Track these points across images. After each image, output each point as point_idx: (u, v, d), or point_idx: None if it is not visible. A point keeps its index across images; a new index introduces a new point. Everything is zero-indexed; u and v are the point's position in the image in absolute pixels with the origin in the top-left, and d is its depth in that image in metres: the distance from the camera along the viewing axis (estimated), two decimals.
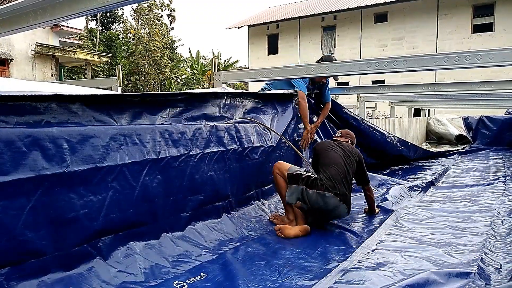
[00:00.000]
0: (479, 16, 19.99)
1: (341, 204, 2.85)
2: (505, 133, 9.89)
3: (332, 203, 2.82)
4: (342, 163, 2.98)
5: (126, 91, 20.90)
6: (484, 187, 4.53)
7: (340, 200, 2.84)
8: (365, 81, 20.79)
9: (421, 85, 6.83)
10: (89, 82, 8.00)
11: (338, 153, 3.05)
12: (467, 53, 2.57)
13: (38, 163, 1.65)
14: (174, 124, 2.45)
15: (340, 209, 2.88)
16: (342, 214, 2.94)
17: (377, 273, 2.05)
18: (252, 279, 1.98)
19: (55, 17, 2.18)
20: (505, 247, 2.46)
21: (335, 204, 2.83)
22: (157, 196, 2.24)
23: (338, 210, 2.88)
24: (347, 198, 2.91)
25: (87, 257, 1.84)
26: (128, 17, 29.83)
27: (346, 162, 3.01)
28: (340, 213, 2.92)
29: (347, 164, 3.01)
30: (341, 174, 2.92)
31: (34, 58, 13.16)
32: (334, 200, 2.82)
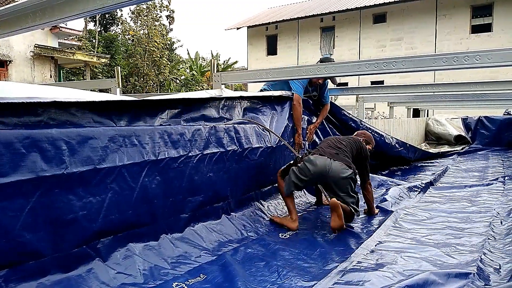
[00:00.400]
0: (478, 16, 20.02)
1: (332, 161, 2.84)
2: (503, 133, 9.91)
3: (320, 162, 2.85)
4: (335, 141, 3.10)
5: (125, 92, 20.90)
6: (483, 187, 4.53)
7: (329, 158, 2.84)
8: (364, 82, 20.80)
9: (420, 85, 6.84)
10: (88, 84, 8.00)
11: (333, 139, 3.17)
12: (466, 54, 2.57)
13: (37, 165, 1.65)
14: (173, 125, 2.45)
15: (333, 166, 2.82)
16: (340, 170, 2.83)
17: (376, 274, 2.05)
18: (251, 280, 1.97)
19: (54, 18, 2.18)
20: (504, 247, 2.46)
21: (323, 163, 2.84)
22: (156, 197, 2.24)
23: (333, 169, 2.82)
24: (339, 157, 2.89)
25: (86, 259, 1.84)
26: (127, 19, 29.81)
27: (341, 143, 3.10)
28: (338, 171, 2.82)
29: (343, 144, 3.08)
30: (331, 145, 3.02)
31: (33, 60, 13.15)
32: (320, 159, 2.85)
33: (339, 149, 2.99)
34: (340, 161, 2.87)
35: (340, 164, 2.85)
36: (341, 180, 2.85)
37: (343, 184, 2.86)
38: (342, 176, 2.84)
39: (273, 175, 3.46)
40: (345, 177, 2.84)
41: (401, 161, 6.19)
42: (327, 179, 2.88)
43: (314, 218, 3.21)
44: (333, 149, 2.99)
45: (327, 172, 2.84)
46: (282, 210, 3.31)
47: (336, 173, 2.83)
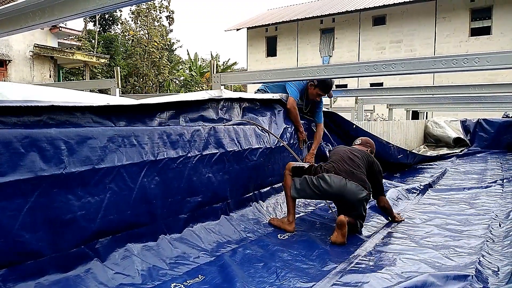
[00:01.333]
0: (477, 19, 20.07)
1: (347, 181, 2.71)
2: (502, 136, 9.94)
3: (335, 183, 2.72)
4: (348, 155, 2.96)
5: (124, 93, 20.88)
6: (482, 189, 4.54)
7: (344, 178, 2.72)
8: (364, 84, 20.84)
9: (419, 88, 6.85)
10: (88, 84, 7.99)
11: (346, 152, 3.02)
12: (465, 56, 2.58)
13: (36, 164, 1.65)
14: (172, 125, 2.45)
15: (349, 188, 2.71)
16: (356, 192, 2.72)
17: (375, 276, 2.05)
18: (250, 281, 1.97)
19: (53, 18, 2.18)
20: (502, 250, 2.46)
21: (339, 183, 2.71)
22: (155, 198, 2.24)
23: (348, 191, 2.71)
24: (356, 176, 2.76)
25: (85, 259, 1.83)
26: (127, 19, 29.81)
27: (355, 157, 2.96)
28: (353, 191, 2.71)
29: (357, 158, 2.95)
30: (346, 160, 2.88)
31: (32, 59, 13.14)
32: (336, 178, 2.73)
33: (354, 166, 2.86)
34: (356, 182, 2.75)
35: (356, 185, 2.73)
36: (356, 202, 2.76)
37: (358, 205, 2.77)
38: (358, 198, 2.74)
39: (272, 176, 3.47)
40: (360, 199, 2.75)
41: (400, 166, 6.20)
42: (342, 199, 2.81)
43: (313, 219, 3.21)
44: (348, 165, 2.85)
45: (342, 193, 2.75)
46: (281, 211, 3.31)
47: (351, 195, 2.73)
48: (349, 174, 2.78)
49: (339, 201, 2.87)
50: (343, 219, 2.61)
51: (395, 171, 5.93)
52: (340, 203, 2.91)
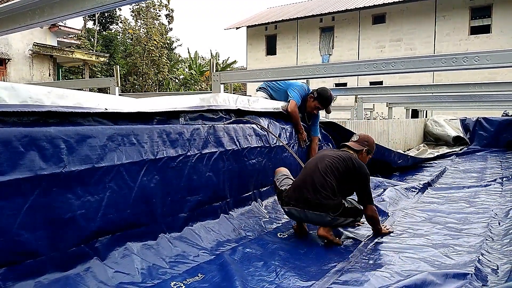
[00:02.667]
0: (477, 18, 20.05)
1: (306, 211, 2.58)
2: (502, 134, 9.94)
3: (295, 214, 2.69)
4: (313, 172, 2.66)
5: (124, 91, 20.89)
6: (481, 188, 4.54)
7: (302, 208, 2.60)
8: (363, 82, 20.83)
9: (419, 86, 6.85)
10: (87, 82, 7.99)
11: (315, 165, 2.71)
12: (465, 55, 2.58)
13: (35, 163, 1.65)
14: (172, 124, 2.45)
15: (310, 217, 2.60)
16: (318, 220, 2.59)
17: (374, 274, 2.05)
18: (249, 279, 1.97)
19: (53, 16, 2.18)
20: (502, 248, 2.46)
21: (299, 215, 2.67)
22: (155, 197, 2.24)
23: (310, 219, 2.62)
24: (312, 203, 2.55)
25: (84, 258, 1.83)
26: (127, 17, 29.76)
27: (323, 170, 2.62)
28: (316, 220, 2.60)
29: (324, 171, 2.62)
30: (307, 180, 2.64)
31: (31, 58, 13.13)
32: (294, 210, 2.66)
33: (313, 186, 2.58)
34: (314, 210, 2.56)
35: (316, 214, 2.56)
36: (327, 224, 2.59)
37: (331, 224, 2.61)
38: (324, 222, 2.58)
39: (272, 175, 3.46)
40: (326, 222, 2.58)
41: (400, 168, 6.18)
42: (310, 222, 2.72)
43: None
44: (306, 188, 2.61)
45: (308, 221, 2.69)
46: (280, 209, 3.31)
47: (316, 222, 2.64)
48: (305, 202, 2.58)
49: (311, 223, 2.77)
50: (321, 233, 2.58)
51: (394, 170, 5.93)
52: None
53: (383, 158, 5.36)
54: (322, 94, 3.94)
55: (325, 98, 3.96)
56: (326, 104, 4.02)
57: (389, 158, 5.57)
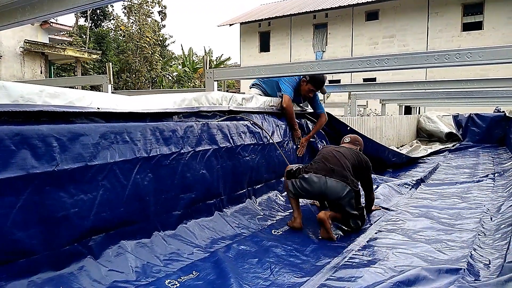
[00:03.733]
0: (469, 14, 20.18)
1: (327, 179, 2.68)
2: (494, 130, 10.03)
3: (315, 180, 2.70)
4: (331, 153, 2.89)
5: (116, 89, 20.74)
6: (474, 184, 4.58)
7: (323, 176, 2.69)
8: (357, 79, 20.88)
9: (412, 83, 6.88)
10: (79, 80, 7.93)
11: (330, 151, 2.94)
12: (457, 51, 2.59)
13: (28, 162, 1.63)
14: (165, 122, 2.43)
15: (329, 184, 2.66)
16: (337, 188, 2.66)
17: (368, 270, 2.06)
18: (244, 277, 1.98)
19: (43, 13, 2.16)
20: (493, 243, 2.49)
21: (318, 182, 2.69)
22: (148, 195, 2.23)
23: (329, 187, 2.66)
24: (337, 173, 2.71)
25: (78, 256, 1.82)
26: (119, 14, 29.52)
27: (339, 153, 2.88)
28: (334, 188, 2.66)
29: (340, 154, 2.88)
30: (328, 158, 2.82)
31: (23, 55, 12.98)
32: (315, 177, 2.71)
33: (336, 164, 2.79)
34: (337, 178, 2.69)
35: (337, 182, 2.68)
36: (341, 199, 2.69)
37: (343, 203, 2.70)
38: (340, 195, 2.68)
39: (266, 172, 3.47)
40: (343, 195, 2.67)
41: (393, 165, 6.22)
42: (325, 198, 2.81)
43: (307, 214, 3.22)
44: (329, 163, 2.79)
45: (324, 191, 2.71)
46: (275, 207, 3.32)
47: (333, 193, 2.69)
48: (328, 171, 2.71)
49: (325, 200, 2.89)
50: (321, 216, 2.61)
51: (388, 167, 5.96)
52: (328, 202, 2.90)
53: (378, 155, 5.38)
54: (314, 76, 3.91)
55: (317, 79, 3.94)
56: (319, 85, 4.01)
57: (383, 155, 5.60)
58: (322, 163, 2.82)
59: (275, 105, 3.86)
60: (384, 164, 5.68)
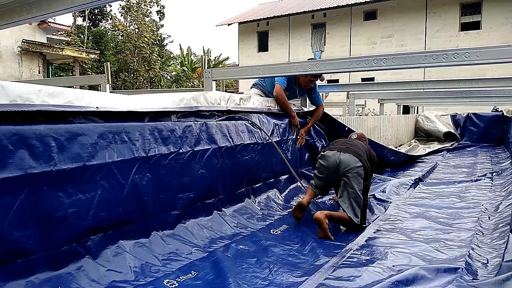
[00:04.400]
0: (467, 14, 20.20)
1: (341, 153, 2.93)
2: (492, 130, 10.05)
3: (330, 155, 2.96)
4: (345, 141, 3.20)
5: (115, 88, 20.71)
6: (472, 183, 4.59)
7: (338, 151, 2.95)
8: (355, 79, 20.88)
9: (410, 82, 6.89)
10: (77, 80, 7.90)
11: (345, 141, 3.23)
12: (455, 51, 2.59)
13: (25, 162, 1.63)
14: (164, 121, 2.43)
15: (343, 158, 2.90)
16: (350, 162, 2.86)
17: (367, 269, 2.06)
18: (242, 276, 1.98)
19: (41, 13, 2.15)
20: (492, 242, 2.50)
21: (333, 156, 2.94)
22: (147, 194, 2.22)
23: (342, 160, 2.89)
24: (351, 150, 2.96)
25: (76, 256, 1.82)
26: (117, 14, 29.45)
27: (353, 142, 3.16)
28: (347, 161, 2.86)
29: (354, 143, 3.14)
30: (343, 143, 3.13)
31: (20, 55, 12.94)
32: (330, 152, 2.98)
33: (350, 146, 3.06)
34: (350, 153, 2.93)
35: (350, 155, 2.90)
36: (351, 174, 2.83)
37: (352, 173, 2.83)
38: (352, 167, 2.84)
39: (264, 172, 3.47)
40: (355, 170, 2.83)
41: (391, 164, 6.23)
42: (338, 173, 2.92)
43: (306, 214, 3.22)
44: (344, 145, 3.08)
45: (337, 165, 2.90)
46: (274, 206, 3.32)
47: (346, 165, 2.87)
48: (343, 149, 2.98)
49: (336, 176, 2.94)
50: (318, 216, 2.65)
51: (386, 166, 5.97)
52: (338, 181, 2.95)
53: (376, 154, 5.39)
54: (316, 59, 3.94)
55: None
56: (318, 74, 4.02)
57: (381, 154, 5.61)
58: (337, 145, 3.11)
59: (273, 105, 3.86)
60: (383, 163, 5.69)
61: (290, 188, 3.83)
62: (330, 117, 4.89)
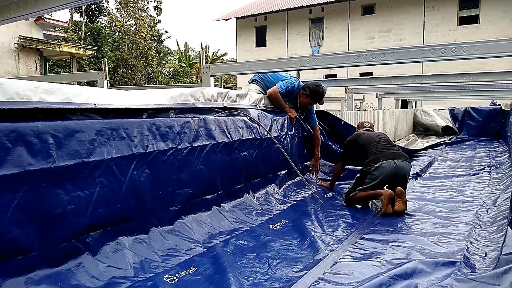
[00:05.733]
0: (465, 8, 20.16)
1: (395, 161, 3.23)
2: (490, 124, 10.06)
3: (385, 166, 3.22)
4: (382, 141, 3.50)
5: (112, 85, 20.67)
6: (470, 177, 4.61)
7: (392, 159, 3.24)
8: (353, 73, 20.86)
9: (408, 77, 6.88)
10: (75, 76, 7.89)
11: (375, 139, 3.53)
12: (453, 45, 2.59)
13: (23, 159, 1.62)
14: (162, 117, 2.43)
15: (399, 165, 3.23)
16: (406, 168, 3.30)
17: (365, 264, 2.07)
18: (242, 271, 1.98)
19: (38, 9, 2.14)
20: (489, 235, 2.51)
21: (389, 165, 3.21)
22: (146, 191, 2.22)
23: (396, 167, 3.22)
24: (396, 154, 3.32)
25: (75, 253, 1.82)
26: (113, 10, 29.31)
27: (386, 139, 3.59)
28: (403, 166, 3.26)
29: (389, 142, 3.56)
30: (383, 146, 3.42)
31: (17, 52, 12.88)
32: (386, 163, 3.22)
33: (392, 147, 3.46)
34: (399, 158, 3.28)
35: (404, 162, 3.28)
36: (408, 175, 3.37)
37: (408, 177, 3.39)
38: (408, 172, 3.35)
39: (263, 166, 3.47)
40: (409, 172, 3.37)
41: None
42: (398, 177, 3.25)
43: (305, 208, 3.23)
44: (387, 149, 3.39)
45: (395, 171, 3.22)
46: (272, 201, 3.33)
47: (402, 168, 3.25)
48: (389, 156, 3.29)
49: (395, 180, 3.25)
50: (401, 188, 3.10)
51: None
52: (394, 183, 3.24)
53: None
54: (314, 91, 4.01)
55: (318, 94, 4.04)
56: (319, 99, 4.07)
57: None
58: (383, 149, 3.37)
59: (268, 103, 3.87)
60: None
61: (288, 183, 3.83)
62: (326, 112, 4.91)
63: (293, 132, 4.09)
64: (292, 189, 3.77)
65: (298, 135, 4.21)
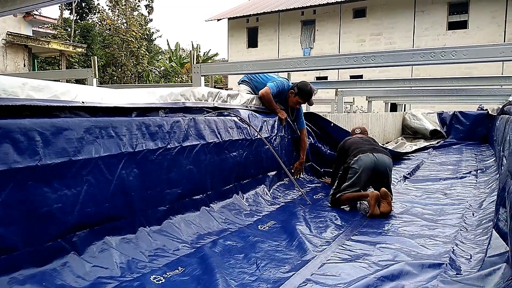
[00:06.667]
0: (454, 13, 20.46)
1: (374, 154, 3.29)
2: (477, 128, 10.20)
3: (363, 159, 3.27)
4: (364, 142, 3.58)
5: (102, 83, 20.47)
6: (457, 180, 4.66)
7: (371, 152, 3.31)
8: (344, 76, 21.01)
9: (398, 80, 6.95)
10: (64, 74, 7.80)
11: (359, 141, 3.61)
12: (442, 49, 2.62)
13: (9, 156, 1.60)
14: (151, 116, 2.41)
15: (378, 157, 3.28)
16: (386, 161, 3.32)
17: (352, 265, 2.08)
18: (230, 272, 1.98)
19: (26, 4, 2.11)
20: (475, 238, 2.54)
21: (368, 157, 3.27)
22: (134, 190, 2.21)
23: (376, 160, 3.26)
24: (375, 149, 3.39)
25: (61, 252, 1.80)
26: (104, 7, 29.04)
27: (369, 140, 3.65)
28: (383, 159, 3.30)
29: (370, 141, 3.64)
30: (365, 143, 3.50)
31: (5, 48, 12.70)
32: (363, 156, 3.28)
33: (372, 144, 3.49)
34: (382, 152, 3.34)
35: (382, 154, 3.32)
36: (390, 170, 3.38)
37: (390, 173, 3.39)
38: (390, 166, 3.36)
39: (253, 167, 3.47)
40: (391, 165, 3.38)
41: None
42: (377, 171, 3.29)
43: (293, 209, 3.24)
44: (367, 145, 3.45)
45: (374, 165, 3.26)
46: (261, 202, 3.33)
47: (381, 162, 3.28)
48: (368, 150, 3.35)
49: (376, 175, 3.30)
50: (385, 189, 3.11)
51: None
52: (377, 178, 3.33)
53: None
54: (302, 89, 4.00)
55: (306, 93, 4.02)
56: (307, 98, 4.08)
57: None
58: (362, 146, 3.42)
59: (258, 103, 3.87)
60: None
61: (278, 184, 3.84)
62: (316, 114, 4.93)
63: (283, 133, 4.10)
64: (282, 190, 3.78)
65: (288, 136, 4.21)
